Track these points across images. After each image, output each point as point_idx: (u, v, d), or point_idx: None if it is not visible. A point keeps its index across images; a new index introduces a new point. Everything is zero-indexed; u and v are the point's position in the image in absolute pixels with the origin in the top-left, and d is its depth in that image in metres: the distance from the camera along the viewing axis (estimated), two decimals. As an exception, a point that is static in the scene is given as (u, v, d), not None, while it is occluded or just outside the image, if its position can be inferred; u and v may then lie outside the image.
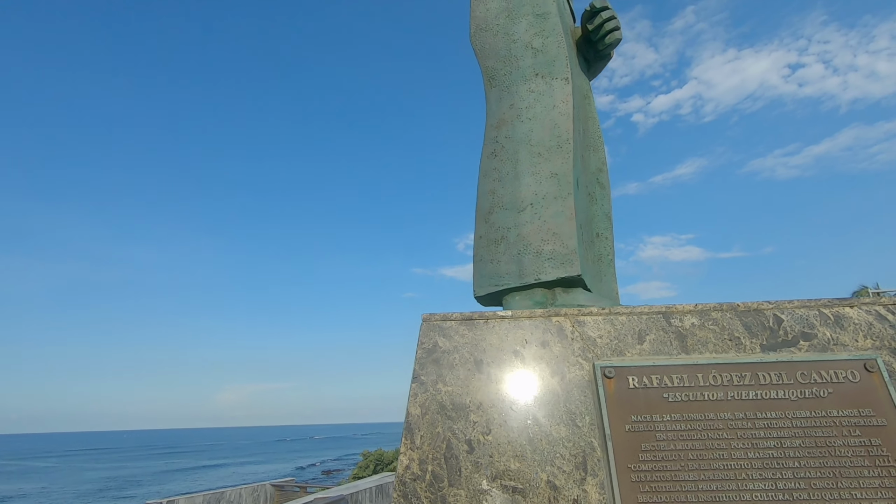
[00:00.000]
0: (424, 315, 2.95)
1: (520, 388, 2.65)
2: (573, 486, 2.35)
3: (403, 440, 2.56)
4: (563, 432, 2.50)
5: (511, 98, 4.69)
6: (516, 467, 2.42)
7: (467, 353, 2.78)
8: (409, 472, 2.46)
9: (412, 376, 2.75)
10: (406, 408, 2.66)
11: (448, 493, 2.38)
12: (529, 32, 4.96)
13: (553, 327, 2.84)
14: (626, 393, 2.56)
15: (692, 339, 2.72)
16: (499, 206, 4.35)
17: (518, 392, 2.63)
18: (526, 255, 4.02)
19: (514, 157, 4.42)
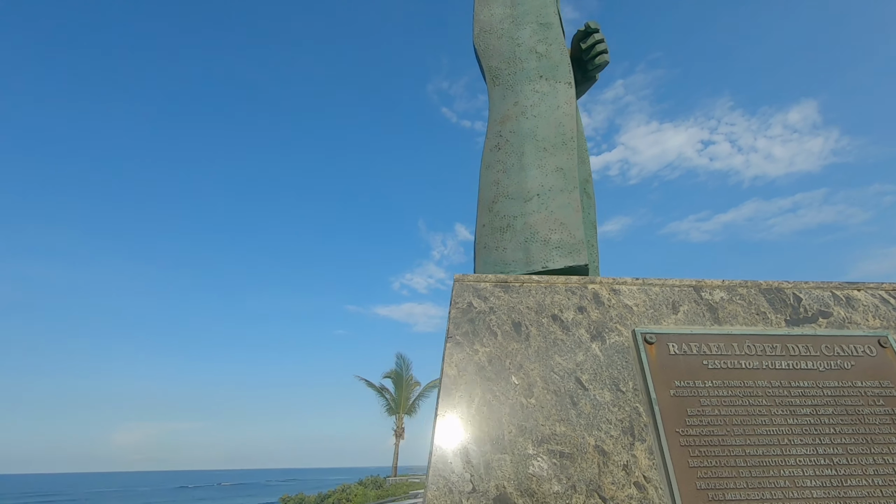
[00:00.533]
0: (457, 276, 2.76)
1: (560, 351, 2.52)
2: (622, 450, 2.25)
3: (440, 401, 2.33)
4: (608, 397, 2.40)
5: (515, 96, 4.71)
6: (562, 431, 2.29)
7: (504, 316, 2.62)
8: (446, 436, 2.24)
9: (446, 335, 2.54)
10: (441, 368, 2.44)
11: (492, 458, 2.19)
12: (534, 38, 5.05)
13: (589, 294, 2.76)
14: (668, 359, 2.52)
15: (723, 312, 2.75)
16: (503, 196, 4.28)
17: (559, 356, 2.51)
18: (533, 243, 3.97)
19: (519, 150, 4.41)
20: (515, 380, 2.42)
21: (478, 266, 4.17)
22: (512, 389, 2.39)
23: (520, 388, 2.40)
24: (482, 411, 2.32)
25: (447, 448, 2.21)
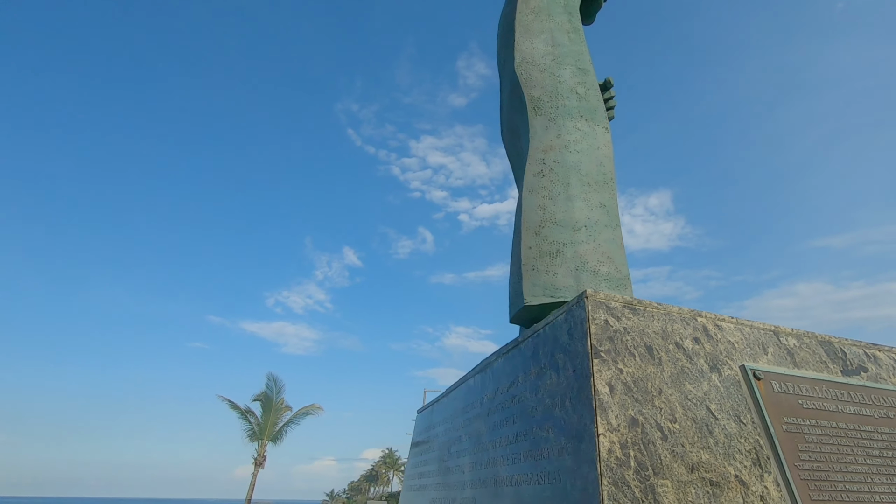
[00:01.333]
0: (589, 291, 2.68)
1: (689, 379, 2.57)
2: (755, 481, 2.34)
3: (598, 419, 2.22)
4: (734, 427, 2.49)
5: (558, 129, 4.86)
6: (706, 459, 2.32)
7: (637, 338, 2.60)
8: (613, 457, 2.14)
9: (591, 351, 2.44)
10: (591, 384, 2.34)
11: (656, 483, 2.14)
12: (574, 80, 5.28)
13: (699, 326, 2.86)
14: (773, 395, 2.70)
15: (798, 357, 3.03)
16: (551, 222, 4.32)
17: (689, 383, 2.55)
18: (584, 273, 4.05)
19: (564, 180, 4.52)
20: (658, 403, 2.40)
21: (525, 287, 4.11)
22: (658, 413, 2.37)
23: (664, 412, 2.38)
24: (637, 433, 2.25)
25: (615, 472, 2.10)
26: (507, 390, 3.37)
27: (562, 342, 2.75)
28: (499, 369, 3.66)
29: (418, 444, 5.80)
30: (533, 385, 2.98)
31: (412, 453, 5.98)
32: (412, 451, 6.00)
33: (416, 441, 5.89)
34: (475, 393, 4.06)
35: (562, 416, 2.51)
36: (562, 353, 2.72)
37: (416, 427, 6.15)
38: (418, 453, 5.64)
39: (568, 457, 2.36)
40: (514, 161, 6.26)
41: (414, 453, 5.88)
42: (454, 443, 4.25)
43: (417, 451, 5.68)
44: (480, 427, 3.68)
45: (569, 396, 2.49)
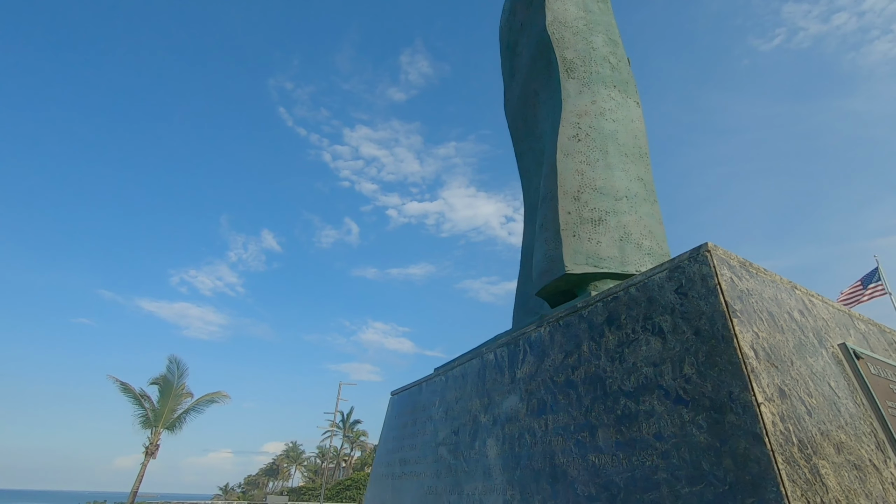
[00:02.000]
0: (710, 244, 2.32)
1: (807, 352, 2.30)
2: (882, 465, 2.11)
3: (753, 385, 1.86)
4: (853, 408, 2.26)
5: (592, 95, 4.56)
6: (844, 439, 2.04)
7: (759, 302, 2.29)
8: (778, 431, 1.78)
9: (727, 310, 2.07)
10: (735, 346, 1.97)
11: (818, 464, 1.82)
12: (606, 49, 5.02)
13: (799, 298, 2.62)
14: (872, 378, 2.51)
15: (870, 342, 2.91)
16: (591, 188, 3.99)
17: (809, 357, 2.28)
18: (628, 244, 3.76)
19: (602, 147, 4.22)
20: (793, 374, 2.09)
21: (566, 252, 3.72)
22: (797, 385, 2.06)
23: (801, 384, 2.08)
24: (787, 404, 1.92)
25: (784, 449, 1.75)
26: (563, 362, 2.95)
27: (666, 303, 2.37)
28: (541, 341, 3.23)
29: (398, 427, 5.21)
30: (612, 354, 2.58)
31: (388, 438, 5.37)
32: (388, 436, 5.39)
33: (395, 425, 5.30)
34: (498, 370, 3.59)
35: (680, 385, 2.13)
36: (668, 315, 2.33)
37: (393, 410, 5.55)
38: (398, 438, 5.05)
39: (700, 432, 1.97)
40: (522, 132, 5.88)
41: (391, 438, 5.27)
42: (468, 425, 3.75)
43: (397, 436, 5.09)
44: (516, 406, 3.22)
45: (694, 362, 2.11)
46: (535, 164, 5.62)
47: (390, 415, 5.56)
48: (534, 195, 5.67)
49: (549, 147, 4.49)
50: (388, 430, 5.46)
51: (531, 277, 5.31)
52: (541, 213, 4.21)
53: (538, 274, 3.98)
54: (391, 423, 5.44)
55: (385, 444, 5.37)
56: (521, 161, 6.01)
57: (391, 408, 5.63)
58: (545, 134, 5.06)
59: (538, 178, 5.55)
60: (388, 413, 5.67)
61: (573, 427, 2.66)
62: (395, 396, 5.62)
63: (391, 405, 5.67)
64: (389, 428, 5.43)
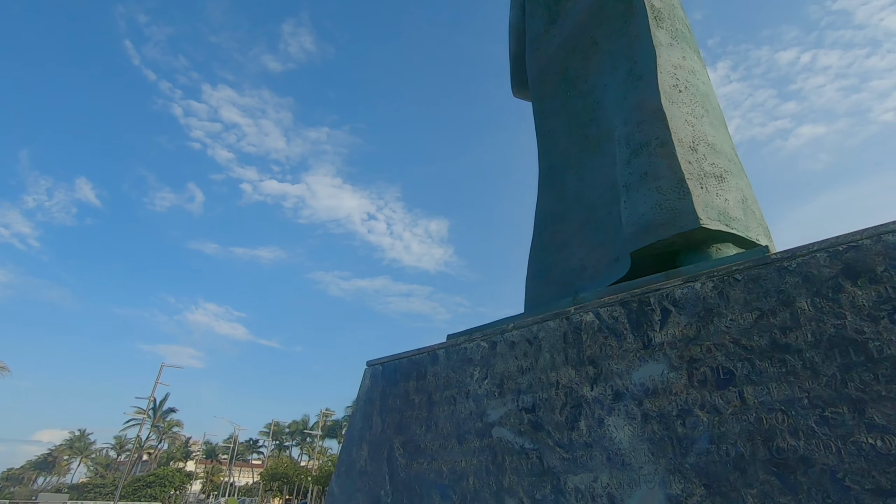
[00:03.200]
0: None
1: None
2: None
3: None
4: None
5: (682, 52, 4.22)
6: None
7: None
8: None
9: None
10: None
11: None
12: (683, 12, 4.76)
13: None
14: None
15: None
16: (704, 142, 3.57)
17: None
18: (747, 209, 3.41)
19: (703, 104, 3.87)
20: None
21: (697, 204, 3.17)
22: None
23: None
24: None
25: None
26: (758, 322, 2.34)
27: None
28: (699, 298, 2.59)
29: (389, 405, 4.08)
30: (871, 313, 2.05)
31: (367, 416, 4.18)
32: (367, 415, 4.21)
33: (384, 402, 4.15)
34: (612, 333, 2.86)
35: None
36: None
37: (375, 384, 4.37)
38: (393, 418, 3.93)
39: None
40: (557, 86, 5.24)
41: (375, 417, 4.11)
42: (556, 402, 2.92)
43: (391, 416, 3.97)
44: (663, 376, 2.51)
45: None
46: (567, 122, 5.02)
47: (371, 389, 4.39)
48: (557, 158, 5.06)
49: (636, 93, 3.92)
50: (367, 406, 4.28)
51: (552, 245, 4.68)
52: (638, 163, 3.60)
53: (645, 226, 3.36)
54: (373, 398, 4.28)
55: (364, 424, 4.19)
56: (545, 120, 5.37)
57: (371, 381, 4.45)
58: (607, 86, 4.50)
59: (566, 140, 4.97)
60: (366, 388, 4.48)
61: (808, 401, 2.06)
62: (378, 367, 4.46)
63: (370, 378, 4.49)
64: (370, 404, 4.26)
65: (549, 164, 5.18)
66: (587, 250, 4.31)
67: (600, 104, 4.60)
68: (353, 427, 4.29)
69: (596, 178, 4.45)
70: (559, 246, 4.65)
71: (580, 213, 4.56)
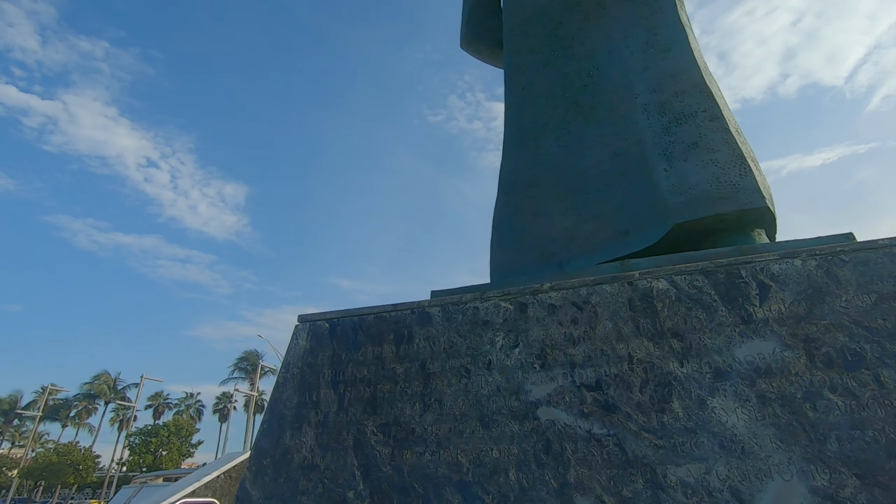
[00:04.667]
0: None
1: None
2: None
3: None
4: None
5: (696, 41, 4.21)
6: None
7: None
8: None
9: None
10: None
11: None
12: None
13: None
14: None
15: None
16: (737, 130, 3.52)
17: None
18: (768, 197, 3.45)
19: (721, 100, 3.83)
20: None
21: (762, 185, 3.08)
22: None
23: None
24: None
25: None
26: (877, 305, 2.25)
27: None
28: (805, 275, 2.42)
29: (340, 375, 2.98)
30: None
31: (311, 389, 2.98)
32: (310, 387, 3.00)
33: (336, 370, 3.02)
34: (700, 305, 2.51)
35: None
36: None
37: (324, 347, 3.17)
38: (356, 391, 2.86)
39: None
40: (541, 40, 4.83)
41: (303, 386, 2.95)
42: (632, 378, 2.41)
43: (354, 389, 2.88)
44: (777, 356, 2.26)
45: None
46: (551, 83, 4.60)
47: (312, 353, 3.17)
48: (533, 118, 4.61)
49: (667, 63, 3.71)
50: (307, 376, 3.07)
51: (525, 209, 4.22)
52: (682, 132, 3.38)
53: (699, 197, 3.11)
54: (318, 365, 3.10)
55: (303, 400, 2.98)
56: (521, 75, 4.85)
57: (311, 342, 3.23)
58: (614, 54, 4.22)
59: (548, 102, 4.57)
60: (302, 351, 3.22)
61: None
62: (322, 324, 3.27)
63: (310, 338, 3.25)
64: (313, 373, 3.07)
65: (521, 123, 4.68)
66: (573, 220, 3.94)
67: (600, 70, 4.30)
68: (281, 404, 3.05)
69: (587, 146, 4.13)
70: (535, 212, 4.18)
71: (561, 181, 4.17)
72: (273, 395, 3.12)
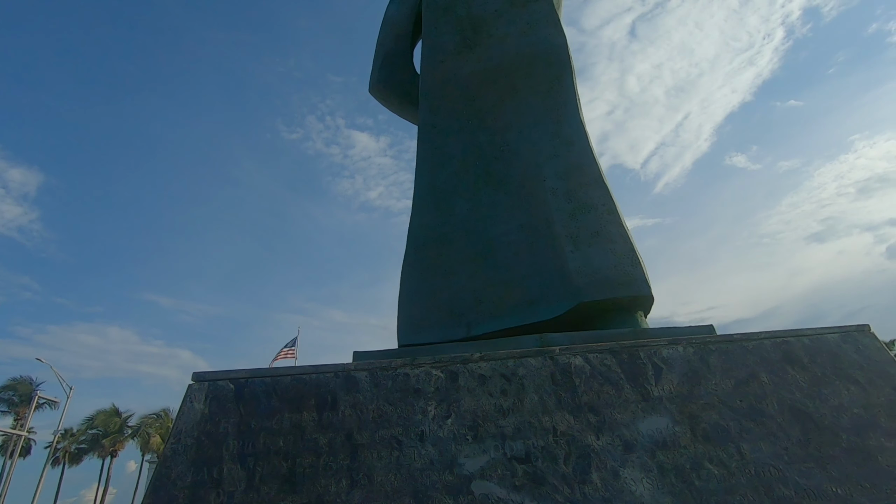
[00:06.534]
0: (869, 326, 3.13)
1: (839, 411, 3.40)
2: None
3: None
4: None
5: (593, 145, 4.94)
6: None
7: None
8: None
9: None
10: None
11: None
12: None
13: (788, 372, 3.77)
14: None
15: None
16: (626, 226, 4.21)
17: (842, 414, 3.38)
18: None
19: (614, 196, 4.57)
20: None
21: (647, 274, 3.63)
22: None
23: None
24: (928, 448, 2.87)
25: (980, 475, 2.64)
26: (736, 389, 2.86)
27: (851, 359, 2.98)
28: (685, 360, 2.96)
29: (248, 446, 2.64)
30: (809, 392, 2.85)
31: (196, 463, 2.54)
32: (197, 460, 2.56)
33: (244, 440, 2.65)
34: (608, 382, 2.88)
35: None
36: (860, 370, 2.94)
37: (229, 413, 2.75)
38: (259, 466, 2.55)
39: None
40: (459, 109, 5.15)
41: (201, 461, 2.55)
42: (558, 450, 2.63)
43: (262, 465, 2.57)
44: (670, 430, 2.70)
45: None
46: (466, 149, 4.89)
47: (212, 420, 2.73)
48: (446, 179, 4.84)
49: (572, 156, 4.25)
50: (206, 447, 2.63)
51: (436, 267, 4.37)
52: (586, 220, 3.87)
53: (602, 281, 3.56)
54: (220, 435, 2.68)
55: (202, 479, 2.54)
56: (438, 136, 5.06)
57: (212, 406, 2.78)
58: (524, 135, 4.69)
59: (461, 165, 4.85)
60: (198, 417, 2.75)
61: (788, 457, 2.62)
62: (226, 384, 2.86)
63: (210, 402, 2.80)
64: (213, 443, 2.64)
65: (434, 181, 4.87)
66: (482, 283, 4.19)
67: (511, 148, 4.73)
68: (170, 483, 2.55)
69: (497, 214, 4.47)
70: (445, 271, 4.34)
71: (471, 243, 4.43)
72: (158, 472, 2.61)
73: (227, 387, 2.91)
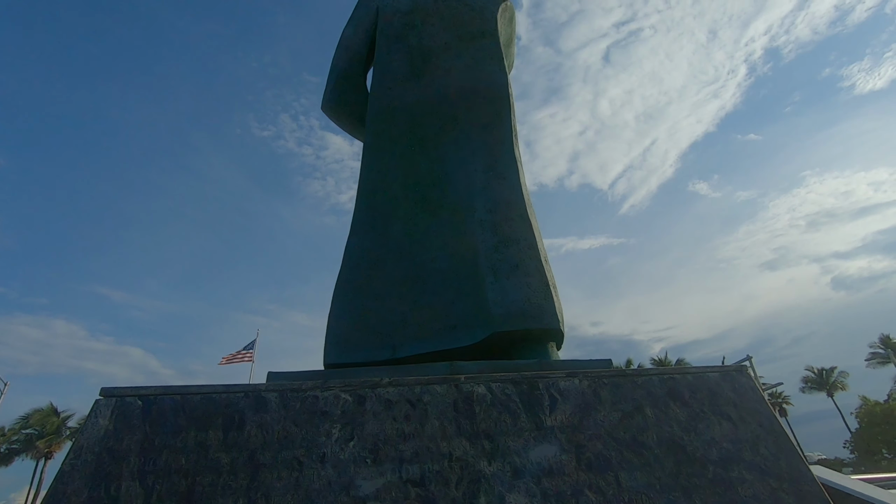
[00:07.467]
0: (747, 365, 3.45)
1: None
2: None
3: (809, 468, 3.03)
4: (719, 479, 3.77)
5: (525, 180, 5.25)
6: None
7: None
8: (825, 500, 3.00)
9: (776, 413, 3.22)
10: (792, 439, 3.12)
11: None
12: None
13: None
14: None
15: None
16: (545, 258, 4.45)
17: (725, 446, 3.68)
18: None
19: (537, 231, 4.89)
20: (756, 459, 3.42)
21: (559, 309, 3.91)
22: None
23: (758, 465, 3.42)
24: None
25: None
26: (622, 422, 3.10)
27: (727, 398, 3.28)
28: (579, 392, 3.20)
29: (149, 463, 2.70)
30: (686, 426, 3.12)
31: (94, 478, 2.58)
32: (95, 475, 2.59)
33: (146, 458, 2.70)
34: (506, 410, 3.08)
35: (761, 461, 3.02)
36: (733, 407, 3.23)
37: (134, 429, 2.79)
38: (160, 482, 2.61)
39: (787, 496, 2.90)
40: (402, 132, 5.34)
41: (99, 476, 2.60)
42: (451, 475, 2.80)
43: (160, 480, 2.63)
44: (557, 458, 2.91)
45: (768, 446, 3.08)
46: (406, 174, 5.10)
47: (116, 436, 2.77)
48: (384, 202, 5.01)
49: (502, 190, 4.49)
50: (106, 464, 2.67)
51: (368, 288, 4.51)
52: (508, 253, 4.09)
53: (516, 313, 3.77)
54: (122, 451, 2.72)
55: (97, 495, 2.57)
56: (380, 158, 5.24)
57: (117, 422, 2.82)
58: (461, 166, 4.92)
59: (400, 189, 5.04)
60: (102, 432, 2.78)
61: (659, 487, 2.87)
62: (134, 400, 2.91)
63: (115, 417, 2.84)
64: (114, 460, 2.68)
65: (373, 203, 5.03)
66: (409, 306, 4.36)
67: (448, 177, 4.94)
68: (65, 499, 2.58)
69: (430, 240, 4.66)
70: (376, 293, 4.49)
71: (402, 267, 4.60)
72: (53, 489, 2.62)
73: (134, 403, 2.96)
